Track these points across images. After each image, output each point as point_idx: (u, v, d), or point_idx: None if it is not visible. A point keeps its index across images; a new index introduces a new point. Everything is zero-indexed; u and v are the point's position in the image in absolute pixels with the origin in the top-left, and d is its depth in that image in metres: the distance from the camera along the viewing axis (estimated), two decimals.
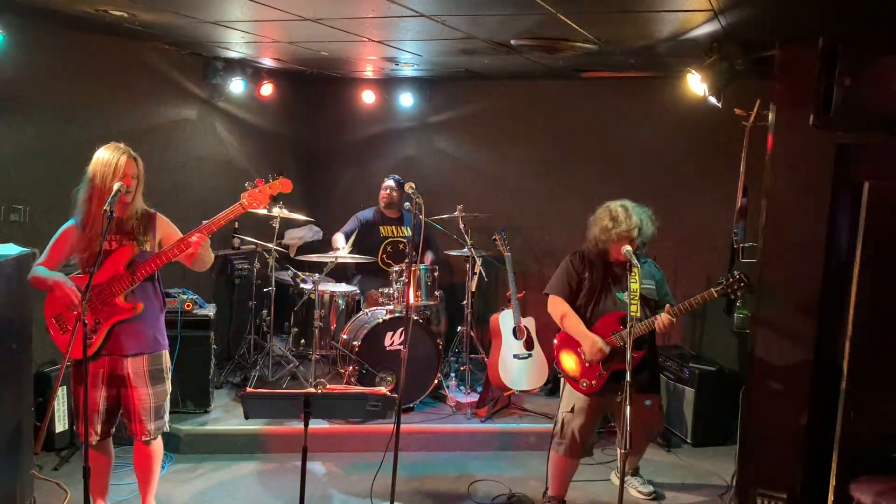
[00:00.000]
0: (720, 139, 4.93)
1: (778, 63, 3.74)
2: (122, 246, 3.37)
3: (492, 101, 6.39)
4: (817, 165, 3.69)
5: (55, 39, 4.46)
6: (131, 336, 3.37)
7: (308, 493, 3.09)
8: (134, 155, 3.37)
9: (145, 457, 3.55)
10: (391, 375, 4.96)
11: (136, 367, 3.39)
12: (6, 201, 4.28)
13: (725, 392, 5.03)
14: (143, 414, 3.41)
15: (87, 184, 3.33)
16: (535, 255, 6.28)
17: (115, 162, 3.29)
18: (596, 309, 3.92)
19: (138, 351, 3.39)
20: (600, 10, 3.44)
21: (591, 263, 3.97)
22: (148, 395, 3.41)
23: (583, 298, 3.97)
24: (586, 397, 3.89)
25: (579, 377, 3.89)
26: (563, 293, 3.99)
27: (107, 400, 3.39)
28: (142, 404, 3.41)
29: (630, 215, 3.80)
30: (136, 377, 3.38)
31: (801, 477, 3.83)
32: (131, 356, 3.37)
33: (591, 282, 3.94)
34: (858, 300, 3.60)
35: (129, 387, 3.39)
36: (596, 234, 3.89)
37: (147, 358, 3.41)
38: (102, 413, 3.39)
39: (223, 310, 5.80)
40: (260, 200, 3.53)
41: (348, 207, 6.24)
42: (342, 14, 3.76)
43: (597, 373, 3.85)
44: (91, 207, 3.31)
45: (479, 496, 4.29)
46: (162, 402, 3.49)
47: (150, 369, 3.42)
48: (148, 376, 3.41)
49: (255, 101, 6.21)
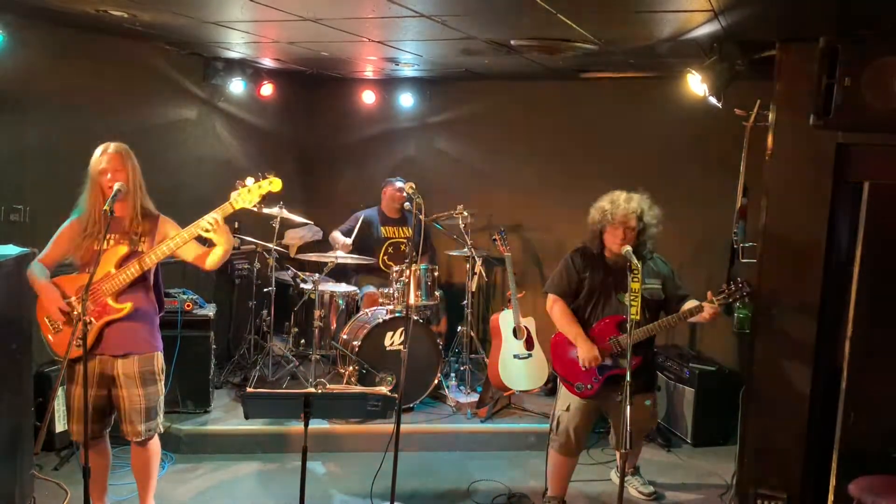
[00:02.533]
0: (720, 139, 4.93)
1: (778, 63, 3.74)
2: (114, 245, 3.35)
3: (492, 101, 6.39)
4: (817, 165, 3.69)
5: (55, 39, 4.46)
6: (121, 337, 3.34)
7: (308, 493, 3.09)
8: (120, 150, 3.35)
9: (141, 458, 3.53)
10: (391, 375, 4.96)
11: (127, 368, 3.35)
12: (6, 201, 4.28)
13: (725, 392, 5.03)
14: (132, 415, 3.37)
15: (85, 183, 3.37)
16: (535, 255, 6.28)
17: (98, 156, 3.31)
18: (595, 311, 3.87)
19: (128, 352, 3.35)
20: (600, 10, 3.44)
21: (593, 263, 3.90)
22: (138, 396, 3.36)
23: (582, 299, 3.91)
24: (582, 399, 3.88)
25: (575, 380, 3.86)
26: (561, 293, 3.93)
27: (95, 399, 3.32)
28: (132, 405, 3.36)
29: (630, 199, 3.76)
30: (125, 378, 3.35)
31: (801, 477, 3.83)
32: (121, 357, 3.34)
33: (592, 282, 3.88)
34: (858, 300, 3.60)
35: (119, 387, 3.36)
36: (594, 216, 3.83)
37: (137, 359, 3.37)
38: (94, 413, 3.31)
39: (223, 310, 5.79)
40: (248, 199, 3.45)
41: (348, 207, 6.24)
42: (342, 14, 3.76)
43: (593, 377, 3.82)
44: (87, 206, 3.35)
45: (479, 496, 4.29)
46: (154, 403, 3.43)
47: (140, 371, 3.37)
48: (138, 378, 3.36)
49: (255, 101, 6.21)
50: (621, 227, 3.72)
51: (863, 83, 3.35)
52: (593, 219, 3.85)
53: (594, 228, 3.86)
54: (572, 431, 3.88)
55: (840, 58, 3.37)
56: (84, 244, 3.32)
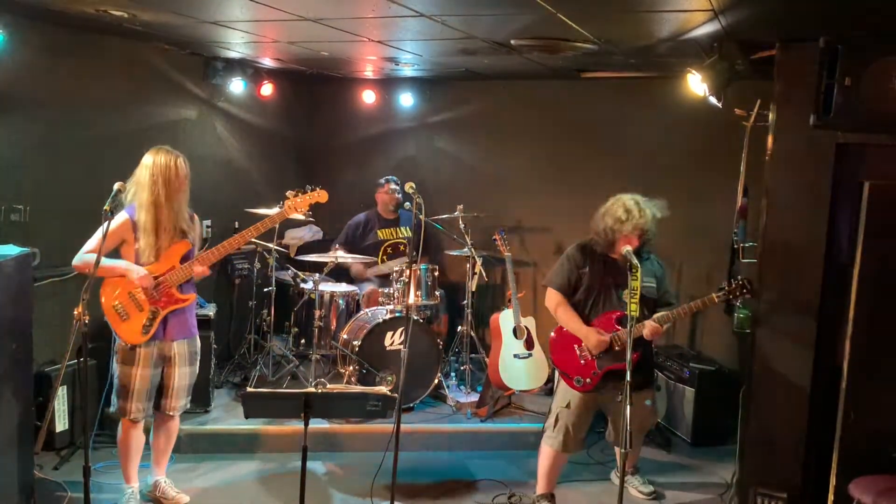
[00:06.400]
0: (720, 139, 4.93)
1: (778, 63, 3.74)
2: (177, 242, 3.74)
3: (492, 101, 6.39)
4: (817, 165, 3.69)
5: (55, 39, 4.45)
6: (179, 323, 3.79)
7: (308, 493, 3.09)
8: (182, 156, 3.73)
9: (169, 429, 3.98)
10: (391, 375, 4.96)
11: (181, 349, 3.81)
12: (6, 201, 4.27)
13: (725, 392, 5.02)
14: (180, 391, 3.85)
15: (149, 187, 3.61)
16: (535, 254, 6.28)
17: (175, 164, 3.66)
18: (595, 307, 3.91)
19: (184, 336, 3.82)
20: (600, 10, 3.44)
21: (593, 258, 3.92)
22: (186, 373, 3.85)
23: (581, 294, 3.94)
24: (581, 394, 3.90)
25: (573, 374, 3.90)
26: (560, 287, 3.96)
27: (153, 378, 3.75)
28: (181, 381, 3.83)
29: (643, 210, 3.79)
30: (180, 357, 3.80)
31: (801, 477, 3.83)
32: (178, 340, 3.79)
33: (591, 278, 3.91)
34: (858, 300, 3.60)
35: (173, 366, 3.79)
36: (609, 224, 3.82)
37: (188, 342, 3.85)
38: (148, 392, 3.74)
39: (223, 310, 5.80)
40: (299, 207, 3.98)
41: (348, 207, 6.24)
42: (342, 14, 3.76)
43: (591, 371, 3.87)
44: (158, 210, 3.63)
45: (479, 496, 4.29)
46: (194, 380, 3.93)
47: (190, 351, 3.86)
48: (189, 357, 3.85)
49: (255, 101, 6.21)
50: (634, 235, 3.78)
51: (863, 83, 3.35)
52: (608, 227, 3.83)
53: (609, 239, 3.85)
54: (571, 428, 3.92)
55: (840, 58, 3.37)
56: (151, 242, 3.65)
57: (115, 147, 4.75)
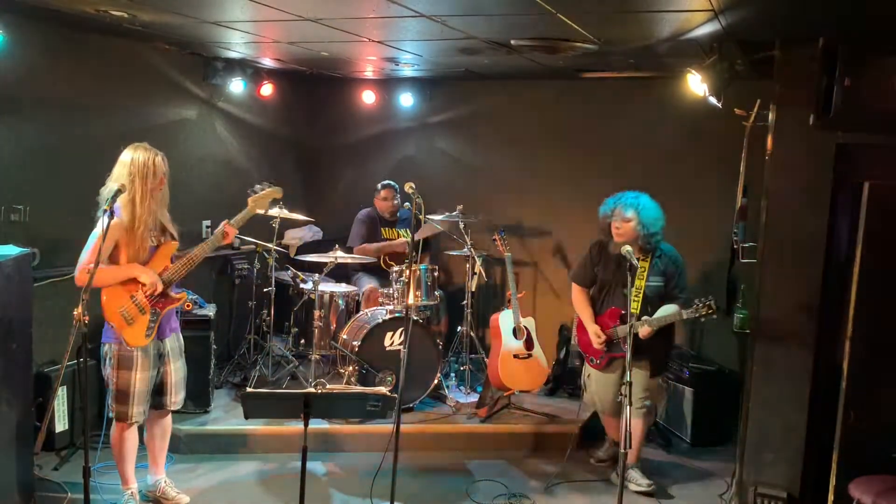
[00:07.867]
0: (720, 139, 4.93)
1: (778, 63, 3.74)
2: (165, 242, 3.75)
3: (492, 101, 6.39)
4: (817, 165, 3.69)
5: (55, 39, 4.46)
6: (168, 320, 3.85)
7: (308, 493, 3.09)
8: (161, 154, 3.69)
9: (165, 424, 4.02)
10: (391, 375, 4.96)
11: (172, 343, 3.87)
12: (6, 201, 4.27)
13: (725, 392, 5.04)
14: (178, 385, 3.89)
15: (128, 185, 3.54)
16: (535, 255, 6.28)
17: (153, 162, 3.61)
18: (606, 301, 4.33)
19: (172, 331, 3.89)
20: (600, 10, 3.44)
21: (607, 256, 4.27)
22: (180, 367, 3.91)
23: (595, 290, 4.40)
24: (596, 371, 4.37)
25: (589, 354, 4.40)
26: (579, 281, 4.44)
27: (152, 380, 3.76)
28: (177, 376, 3.88)
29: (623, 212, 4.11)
30: (172, 353, 3.86)
31: (801, 477, 3.83)
32: (168, 337, 3.85)
33: (604, 275, 4.31)
34: (858, 300, 3.60)
35: (167, 362, 3.83)
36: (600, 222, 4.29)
37: (175, 336, 3.91)
38: (148, 393, 3.76)
39: (223, 310, 5.80)
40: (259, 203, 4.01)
41: (348, 207, 6.23)
42: (342, 14, 3.76)
43: (600, 354, 4.32)
44: (135, 208, 3.56)
45: (478, 496, 4.29)
46: (185, 375, 3.97)
47: (179, 345, 3.92)
48: (178, 351, 3.91)
49: (255, 101, 6.21)
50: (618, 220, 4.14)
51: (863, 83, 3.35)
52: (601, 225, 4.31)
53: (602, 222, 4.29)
54: (595, 397, 4.42)
55: (840, 58, 3.37)
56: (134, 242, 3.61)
57: (115, 147, 4.69)
